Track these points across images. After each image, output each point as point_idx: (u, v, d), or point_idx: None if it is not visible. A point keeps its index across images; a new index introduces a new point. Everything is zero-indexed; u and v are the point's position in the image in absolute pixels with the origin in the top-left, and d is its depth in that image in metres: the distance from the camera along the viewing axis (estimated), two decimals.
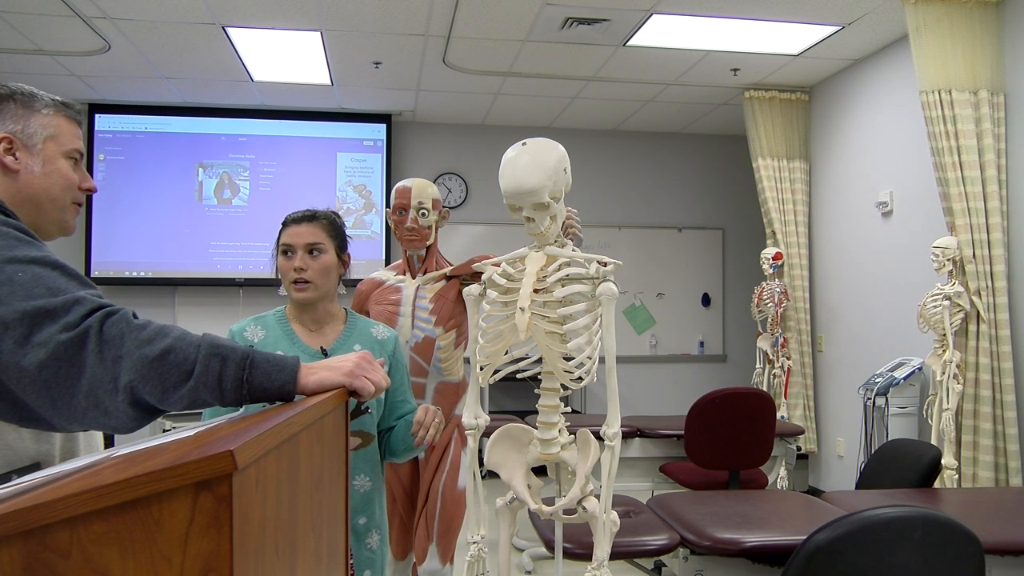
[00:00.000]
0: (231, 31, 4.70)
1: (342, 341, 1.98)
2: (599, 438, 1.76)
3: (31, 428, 1.18)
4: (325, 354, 1.94)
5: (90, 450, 1.33)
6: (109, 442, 1.49)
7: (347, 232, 2.07)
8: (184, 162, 6.35)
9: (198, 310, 6.36)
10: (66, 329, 1.03)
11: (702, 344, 7.11)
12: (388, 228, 6.09)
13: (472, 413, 1.90)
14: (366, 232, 6.53)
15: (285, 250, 1.95)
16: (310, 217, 1.97)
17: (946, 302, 3.89)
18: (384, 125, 6.55)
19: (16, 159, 1.28)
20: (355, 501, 1.94)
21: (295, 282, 1.93)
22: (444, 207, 2.74)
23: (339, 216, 2.05)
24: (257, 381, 1.12)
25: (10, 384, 1.05)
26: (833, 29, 4.61)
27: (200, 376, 1.07)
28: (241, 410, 1.20)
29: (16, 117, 1.29)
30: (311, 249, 1.93)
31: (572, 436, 1.84)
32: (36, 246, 1.14)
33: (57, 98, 1.36)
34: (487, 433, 1.94)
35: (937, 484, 3.30)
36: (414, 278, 2.64)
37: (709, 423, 3.72)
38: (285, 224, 1.98)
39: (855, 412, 4.86)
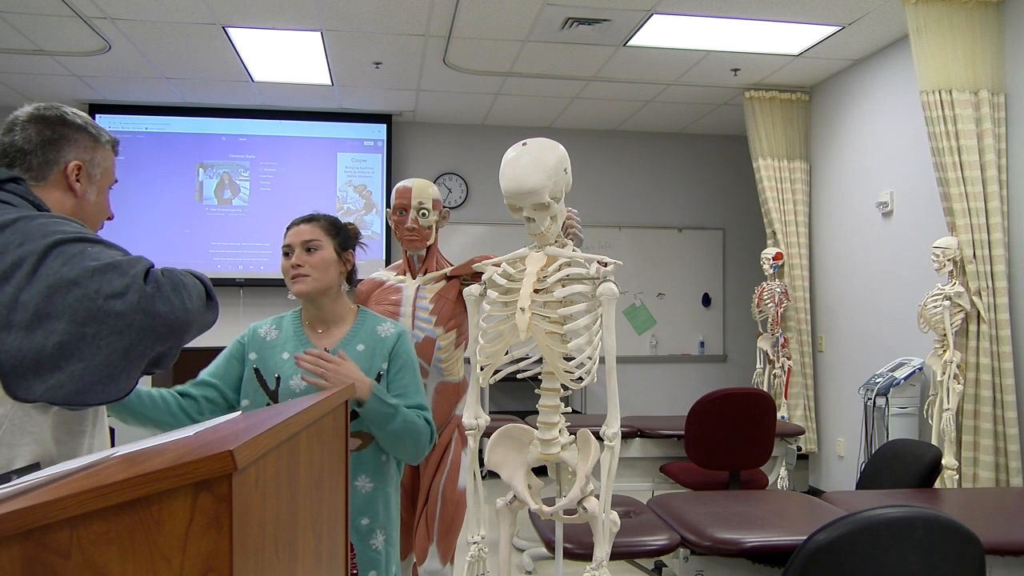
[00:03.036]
0: (231, 31, 4.70)
1: (346, 341, 2.01)
2: (599, 438, 1.76)
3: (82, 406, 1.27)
4: None
5: (92, 450, 1.34)
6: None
7: (351, 236, 2.10)
8: (184, 162, 6.35)
9: None
10: (142, 277, 1.23)
11: (702, 344, 7.11)
12: (388, 228, 6.10)
13: (472, 413, 1.90)
14: (366, 232, 6.53)
15: (286, 252, 2.00)
16: (308, 219, 2.03)
17: (946, 302, 3.89)
18: (384, 125, 6.55)
19: (80, 184, 1.43)
20: (357, 502, 1.94)
21: (293, 277, 1.97)
22: (444, 207, 2.73)
23: (350, 224, 2.10)
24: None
25: (87, 343, 1.18)
26: (833, 29, 4.61)
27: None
28: (239, 411, 1.20)
29: (87, 148, 1.45)
30: (308, 246, 1.97)
31: (572, 436, 1.84)
32: (91, 233, 1.32)
33: (110, 135, 1.52)
34: (487, 433, 1.93)
35: (937, 484, 3.30)
36: (414, 278, 2.64)
37: (709, 423, 3.72)
38: (288, 228, 2.03)
39: (855, 412, 4.86)
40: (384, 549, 1.99)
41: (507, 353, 1.82)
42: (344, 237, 2.04)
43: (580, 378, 1.75)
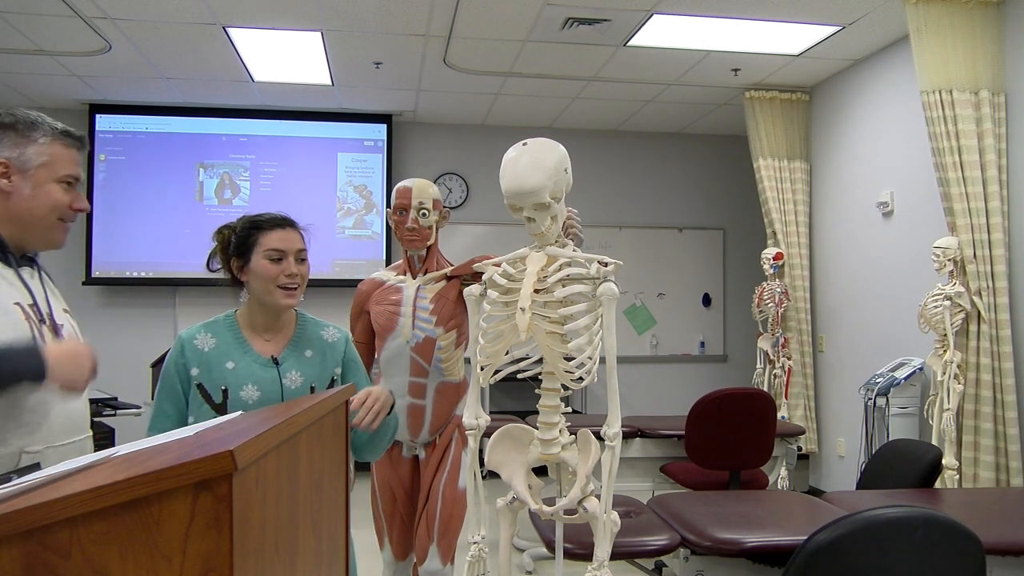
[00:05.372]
0: (232, 31, 4.70)
1: (292, 348, 1.93)
2: (599, 438, 1.76)
3: None
4: (276, 363, 1.89)
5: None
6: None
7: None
8: (185, 162, 6.35)
9: (198, 311, 6.36)
10: None
11: (703, 344, 7.10)
12: (389, 228, 6.10)
13: (473, 413, 1.90)
14: (366, 232, 6.53)
15: (276, 256, 1.87)
16: (293, 223, 1.93)
17: (947, 302, 3.89)
18: (385, 125, 6.55)
19: (10, 182, 1.47)
20: None
21: (287, 288, 1.87)
22: (445, 207, 2.73)
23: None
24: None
25: None
26: (833, 29, 4.61)
27: None
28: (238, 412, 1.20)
29: (13, 145, 1.48)
30: (301, 256, 1.90)
31: (573, 436, 1.84)
32: None
33: (59, 126, 1.53)
34: (488, 433, 1.93)
35: (938, 484, 3.30)
36: (415, 278, 2.64)
37: (710, 423, 3.72)
38: (268, 227, 1.89)
39: (856, 412, 4.86)
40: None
41: (507, 353, 1.82)
42: None
43: (580, 378, 1.75)
